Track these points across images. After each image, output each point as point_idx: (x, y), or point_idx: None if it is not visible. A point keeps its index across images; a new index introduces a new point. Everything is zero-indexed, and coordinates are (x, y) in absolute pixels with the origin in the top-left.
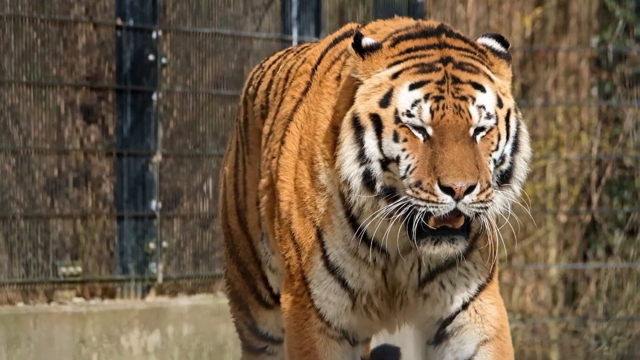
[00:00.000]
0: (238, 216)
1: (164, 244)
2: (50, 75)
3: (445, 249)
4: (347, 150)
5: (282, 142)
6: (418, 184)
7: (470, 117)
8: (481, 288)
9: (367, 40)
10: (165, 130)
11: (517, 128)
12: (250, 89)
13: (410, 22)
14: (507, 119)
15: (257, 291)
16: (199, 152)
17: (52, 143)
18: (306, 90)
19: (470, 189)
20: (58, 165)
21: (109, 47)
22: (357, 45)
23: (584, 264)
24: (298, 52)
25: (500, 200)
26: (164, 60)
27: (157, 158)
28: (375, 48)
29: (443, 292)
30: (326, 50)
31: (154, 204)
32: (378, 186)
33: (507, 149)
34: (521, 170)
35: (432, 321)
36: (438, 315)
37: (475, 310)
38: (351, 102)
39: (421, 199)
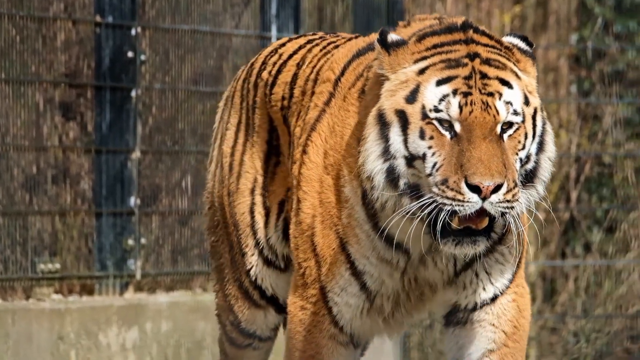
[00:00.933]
0: (229, 197)
1: (143, 240)
2: (29, 72)
3: (466, 250)
4: (372, 146)
5: (305, 152)
6: (444, 182)
7: (498, 113)
8: (514, 275)
9: (392, 36)
10: (144, 127)
11: (543, 127)
12: (265, 73)
13: (432, 21)
14: (533, 118)
15: (243, 287)
16: (177, 149)
17: (30, 140)
18: (329, 100)
19: (497, 188)
20: (37, 162)
21: (87, 44)
22: (383, 40)
23: (563, 261)
24: (325, 47)
25: (524, 200)
26: (142, 57)
27: (136, 155)
28: (401, 44)
29: (484, 279)
30: (349, 63)
31: (133, 201)
32: (402, 183)
33: (533, 148)
34: (546, 170)
35: (453, 306)
36: (468, 302)
37: (496, 310)
38: (377, 98)
39: (447, 197)
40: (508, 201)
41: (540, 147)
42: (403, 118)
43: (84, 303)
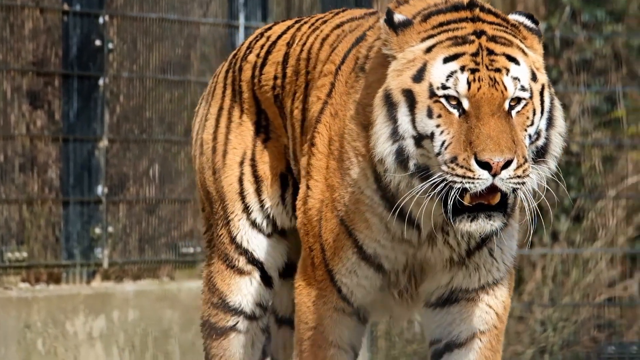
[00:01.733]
0: (214, 175)
1: (110, 229)
2: None
3: (482, 226)
4: (381, 128)
5: (313, 144)
6: (454, 159)
7: (505, 89)
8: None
9: (399, 16)
10: (111, 116)
11: (552, 103)
12: (251, 56)
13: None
14: (541, 94)
15: (228, 258)
16: (145, 138)
17: None
18: (330, 91)
19: (507, 164)
20: (4, 150)
21: (55, 32)
22: (390, 21)
23: (530, 249)
24: (313, 24)
25: (535, 176)
26: (110, 46)
27: (104, 143)
28: (407, 24)
29: (497, 257)
30: (349, 51)
31: (100, 189)
32: (411, 164)
33: (542, 125)
34: (557, 145)
35: (453, 288)
36: (477, 282)
37: (494, 291)
38: (383, 78)
39: (457, 175)
40: (519, 177)
41: (550, 122)
42: (410, 97)
43: (51, 292)
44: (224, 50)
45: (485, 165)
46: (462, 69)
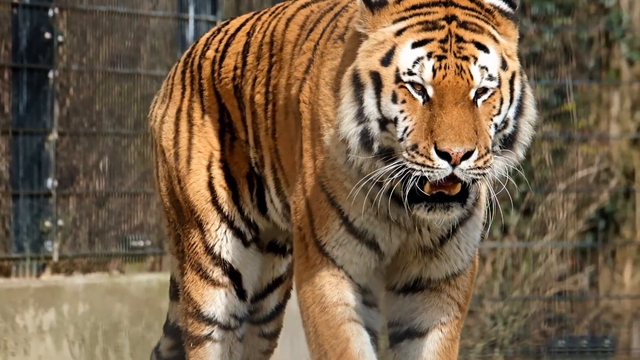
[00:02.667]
0: (179, 184)
1: (60, 222)
2: None
3: (439, 216)
4: (347, 108)
5: (300, 125)
6: (414, 147)
7: (472, 78)
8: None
9: None
10: (61, 109)
11: (522, 91)
12: (210, 52)
13: None
14: (511, 82)
15: (202, 269)
16: (95, 131)
17: None
18: (308, 67)
19: (467, 155)
20: None
21: (5, 25)
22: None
23: (480, 243)
24: (274, 12)
25: (501, 166)
26: (60, 38)
27: (53, 136)
28: (382, 3)
29: (462, 248)
30: (327, 26)
31: (50, 182)
32: (375, 146)
33: (511, 113)
34: (525, 134)
35: (419, 276)
36: (443, 272)
37: (456, 282)
38: (354, 56)
39: (417, 163)
40: (479, 167)
41: (520, 111)
42: (377, 80)
43: (0, 285)
44: (173, 43)
45: (444, 155)
46: (429, 55)
